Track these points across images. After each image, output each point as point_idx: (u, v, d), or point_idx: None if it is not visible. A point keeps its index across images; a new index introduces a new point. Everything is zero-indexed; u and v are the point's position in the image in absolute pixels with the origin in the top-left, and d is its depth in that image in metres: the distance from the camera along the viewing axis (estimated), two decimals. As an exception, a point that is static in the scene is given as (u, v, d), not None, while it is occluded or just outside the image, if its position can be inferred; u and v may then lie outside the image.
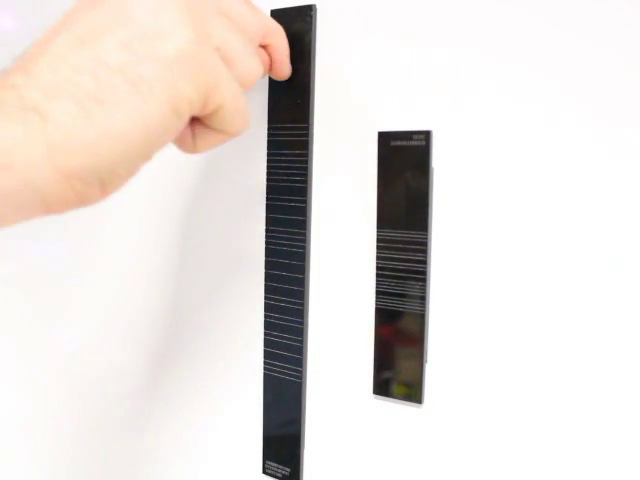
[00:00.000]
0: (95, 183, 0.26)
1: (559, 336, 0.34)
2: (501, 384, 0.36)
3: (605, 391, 0.33)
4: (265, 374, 0.44)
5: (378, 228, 0.39)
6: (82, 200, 0.26)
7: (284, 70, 0.40)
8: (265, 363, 0.44)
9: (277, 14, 0.42)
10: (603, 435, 0.33)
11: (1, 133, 0.24)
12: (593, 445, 0.33)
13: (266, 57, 0.38)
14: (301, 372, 0.43)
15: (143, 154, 0.27)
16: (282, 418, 0.44)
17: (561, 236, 0.34)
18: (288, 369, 0.43)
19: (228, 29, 0.30)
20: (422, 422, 0.39)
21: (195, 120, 0.32)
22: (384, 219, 0.39)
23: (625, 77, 0.32)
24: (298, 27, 0.42)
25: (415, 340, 0.38)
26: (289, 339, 0.43)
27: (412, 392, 0.38)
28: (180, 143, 0.33)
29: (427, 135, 0.37)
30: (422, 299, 0.38)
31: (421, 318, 0.38)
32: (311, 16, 0.41)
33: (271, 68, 0.39)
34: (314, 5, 0.41)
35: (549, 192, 0.34)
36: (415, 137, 0.37)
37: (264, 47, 0.38)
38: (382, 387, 0.40)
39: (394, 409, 0.40)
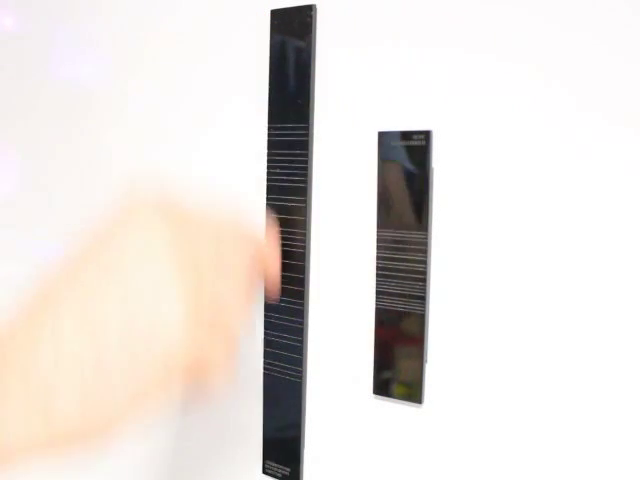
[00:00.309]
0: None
1: (558, 336, 0.34)
2: (501, 384, 0.36)
3: (604, 391, 0.33)
4: (265, 374, 0.44)
5: (378, 228, 0.39)
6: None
7: (274, 285, 0.40)
8: (265, 363, 0.44)
9: (277, 14, 0.42)
10: (602, 435, 0.33)
11: (6, 413, 0.25)
12: (592, 444, 0.33)
13: (256, 278, 0.38)
14: (301, 372, 0.43)
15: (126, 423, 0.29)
16: (282, 418, 0.44)
17: (561, 236, 0.34)
18: (288, 369, 0.43)
19: (220, 282, 0.31)
20: (422, 422, 0.39)
21: None
22: (384, 219, 0.39)
23: (625, 77, 0.32)
24: (298, 27, 0.42)
25: (415, 340, 0.38)
26: (289, 339, 0.43)
27: (412, 392, 0.38)
28: None
29: (427, 135, 0.37)
30: (422, 299, 0.38)
31: (421, 318, 0.38)
32: (311, 16, 0.41)
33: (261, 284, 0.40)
34: (314, 5, 0.41)
35: (549, 192, 0.34)
36: (415, 137, 0.37)
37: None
38: (382, 387, 0.40)
39: (394, 409, 0.40)
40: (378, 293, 0.39)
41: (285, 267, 0.43)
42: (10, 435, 0.25)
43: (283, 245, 0.43)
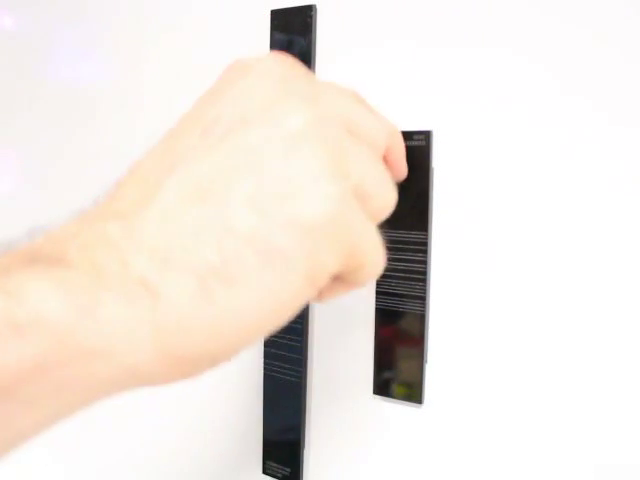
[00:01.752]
0: (207, 365, 0.22)
1: (558, 336, 0.34)
2: (501, 384, 0.36)
3: (604, 390, 0.33)
4: (265, 374, 0.44)
5: (378, 228, 0.39)
6: (187, 377, 0.22)
7: (402, 172, 0.33)
8: (265, 363, 0.44)
9: (277, 14, 0.42)
10: (602, 434, 0.33)
11: (100, 313, 0.19)
12: (592, 443, 0.33)
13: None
14: (301, 372, 0.43)
15: (267, 331, 0.23)
16: (282, 418, 0.44)
17: (561, 236, 0.34)
18: (288, 369, 0.43)
19: (364, 159, 0.25)
20: (422, 422, 0.39)
21: None
22: (384, 219, 0.39)
23: (626, 76, 0.32)
24: (298, 27, 0.42)
25: (415, 340, 0.38)
26: (289, 339, 0.43)
27: (412, 392, 0.38)
28: None
29: (427, 135, 0.37)
30: (422, 299, 0.38)
31: (421, 318, 0.38)
32: (311, 16, 0.41)
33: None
34: (314, 5, 0.41)
35: (549, 192, 0.34)
36: (415, 137, 0.37)
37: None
38: (382, 387, 0.40)
39: (394, 409, 0.40)
40: (378, 293, 0.39)
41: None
42: (108, 322, 0.19)
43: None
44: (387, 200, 0.26)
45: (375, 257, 0.25)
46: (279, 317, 0.22)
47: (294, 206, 0.21)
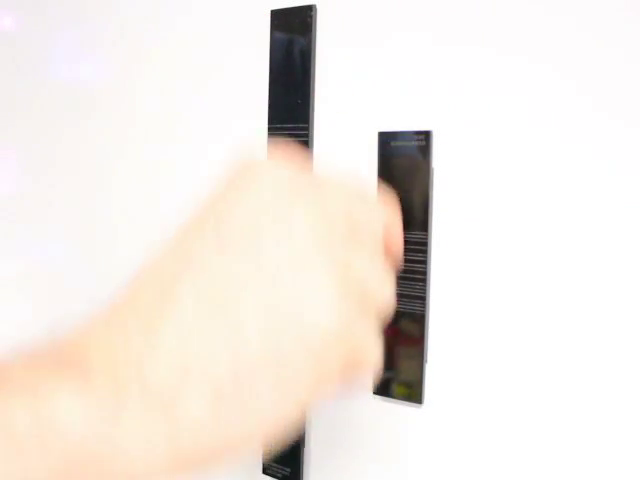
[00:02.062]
0: (214, 463, 0.24)
1: (558, 335, 0.34)
2: (501, 384, 0.36)
3: (603, 390, 0.33)
4: (265, 374, 0.44)
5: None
6: (191, 473, 0.24)
7: (399, 248, 0.33)
8: (265, 363, 0.44)
9: (277, 14, 0.42)
10: (602, 433, 0.33)
11: (120, 426, 0.20)
12: (592, 443, 0.33)
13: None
14: (301, 372, 0.43)
15: (275, 435, 0.24)
16: (282, 418, 0.44)
17: (560, 236, 0.34)
18: (288, 369, 0.43)
19: (366, 261, 0.26)
20: (422, 422, 0.39)
21: None
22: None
23: (627, 76, 0.32)
24: (298, 27, 0.42)
25: (415, 340, 0.38)
26: (289, 339, 0.43)
27: (412, 392, 0.38)
28: None
29: (427, 135, 0.37)
30: (422, 299, 0.38)
31: (421, 318, 0.38)
32: (311, 16, 0.41)
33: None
34: (314, 5, 0.41)
35: (550, 192, 0.34)
36: (415, 137, 0.37)
37: None
38: (382, 387, 0.40)
39: (394, 409, 0.40)
40: (378, 293, 0.39)
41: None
42: (127, 440, 0.20)
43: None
44: (387, 298, 0.28)
45: (373, 357, 0.27)
46: (286, 424, 0.24)
47: (304, 324, 0.22)
